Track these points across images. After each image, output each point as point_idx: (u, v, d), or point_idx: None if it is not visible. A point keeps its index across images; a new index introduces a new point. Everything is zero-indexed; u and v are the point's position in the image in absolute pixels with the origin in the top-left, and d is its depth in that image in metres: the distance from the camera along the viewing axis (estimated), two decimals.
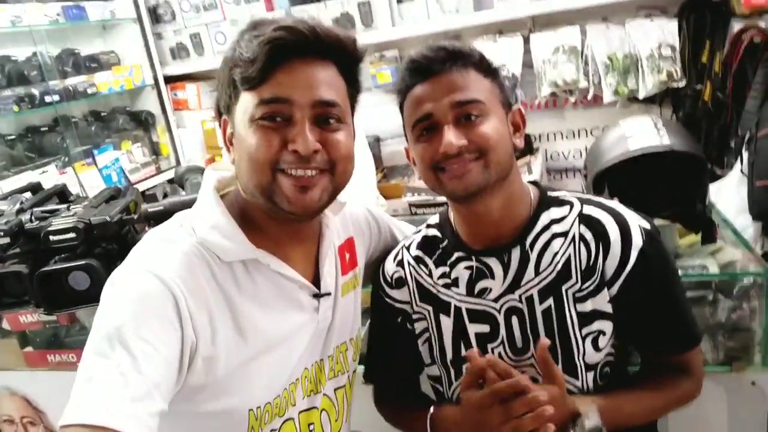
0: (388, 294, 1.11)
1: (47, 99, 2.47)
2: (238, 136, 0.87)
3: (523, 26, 2.63)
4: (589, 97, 2.56)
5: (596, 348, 0.99)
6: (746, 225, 2.11)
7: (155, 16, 3.07)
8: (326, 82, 0.86)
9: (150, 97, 3.10)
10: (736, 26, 2.36)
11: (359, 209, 1.16)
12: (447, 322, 1.05)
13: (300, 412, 0.97)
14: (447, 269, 1.05)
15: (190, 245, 0.86)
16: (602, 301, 0.97)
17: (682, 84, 2.40)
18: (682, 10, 2.45)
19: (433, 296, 1.06)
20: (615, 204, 1.00)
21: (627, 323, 0.99)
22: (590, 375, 1.00)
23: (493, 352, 1.02)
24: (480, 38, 2.63)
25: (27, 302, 1.37)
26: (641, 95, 2.45)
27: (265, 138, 0.83)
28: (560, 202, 1.02)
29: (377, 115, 2.94)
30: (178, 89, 3.18)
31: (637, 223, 0.97)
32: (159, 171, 3.08)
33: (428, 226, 1.11)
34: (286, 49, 0.82)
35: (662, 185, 1.41)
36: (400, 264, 1.10)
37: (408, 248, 1.11)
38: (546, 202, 1.02)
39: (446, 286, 1.05)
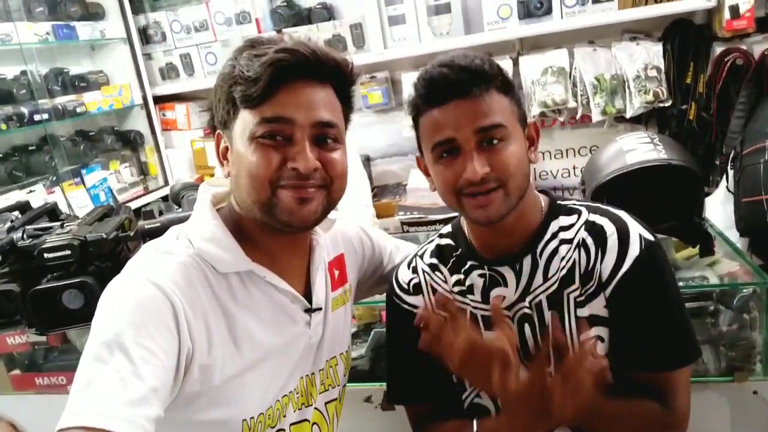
0: (405, 301, 1.10)
1: (36, 117, 2.44)
2: (236, 152, 0.89)
3: (512, 49, 2.68)
4: (578, 116, 2.60)
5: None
6: (733, 241, 2.15)
7: (145, 37, 3.06)
8: (325, 103, 0.89)
9: (139, 117, 3.08)
10: (718, 49, 2.44)
11: (352, 227, 1.18)
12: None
13: (291, 424, 0.97)
14: (462, 276, 1.05)
15: (187, 256, 0.87)
16: (599, 306, 0.97)
17: (668, 104, 2.45)
18: (666, 34, 2.52)
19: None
20: (622, 213, 1.01)
21: (619, 330, 0.97)
22: None
23: None
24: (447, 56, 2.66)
25: (18, 322, 1.33)
26: (628, 115, 2.50)
27: (265, 156, 0.86)
28: (569, 211, 1.03)
29: (367, 135, 2.98)
30: (167, 109, 3.17)
31: (638, 231, 0.97)
32: (147, 191, 3.05)
33: (441, 235, 1.12)
34: (288, 70, 0.85)
35: (659, 199, 1.43)
36: (415, 271, 1.11)
37: (421, 256, 1.12)
38: (555, 210, 1.03)
39: (461, 293, 1.05)
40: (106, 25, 2.93)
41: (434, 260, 1.09)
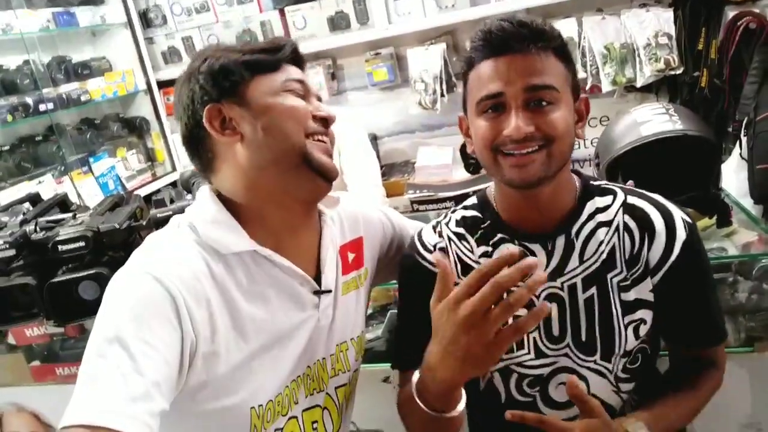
0: (429, 260, 1.05)
1: (41, 107, 2.43)
2: (262, 107, 0.90)
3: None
4: (587, 87, 2.56)
5: (636, 336, 0.99)
6: (747, 209, 2.13)
7: (146, 21, 3.03)
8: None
9: (143, 102, 3.06)
10: (731, 13, 2.38)
11: (374, 211, 1.16)
12: None
13: (303, 410, 0.96)
14: (489, 249, 1.02)
15: (189, 244, 0.87)
16: (645, 290, 0.98)
17: (679, 72, 2.41)
18: None
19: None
20: (657, 196, 1.01)
21: (665, 313, 0.99)
22: (623, 360, 1.00)
23: (528, 337, 1.01)
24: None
25: (36, 315, 1.34)
26: (639, 84, 2.46)
27: (296, 103, 0.92)
28: (603, 191, 1.01)
29: (374, 113, 2.95)
30: (171, 94, 3.14)
31: (680, 215, 0.98)
32: (155, 177, 3.04)
33: (465, 207, 1.08)
34: (291, 52, 0.96)
35: (675, 170, 1.41)
36: (441, 235, 1.06)
37: (447, 224, 1.07)
38: (590, 191, 1.01)
39: None
40: (106, 10, 2.89)
41: (460, 229, 1.05)
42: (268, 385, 0.90)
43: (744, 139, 2.35)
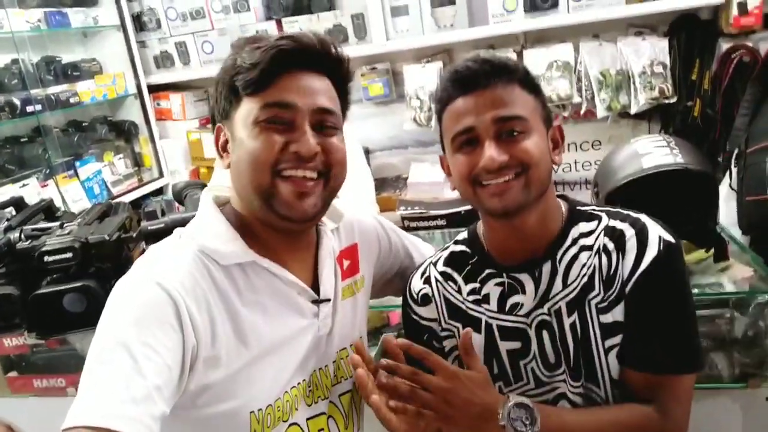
0: (414, 311, 1.10)
1: (28, 108, 2.37)
2: (238, 140, 0.90)
3: (515, 42, 2.64)
4: (582, 112, 2.58)
5: (621, 361, 0.96)
6: (744, 244, 2.15)
7: (139, 24, 2.98)
8: (325, 91, 0.92)
9: (133, 106, 3.01)
10: (724, 45, 2.42)
11: (369, 220, 1.17)
12: (478, 339, 1.03)
13: (308, 418, 0.96)
14: (477, 285, 1.04)
15: (191, 252, 0.88)
16: (621, 311, 0.95)
17: (673, 100, 2.43)
18: (672, 29, 2.49)
19: (463, 313, 1.05)
20: (642, 215, 0.99)
21: (629, 331, 0.95)
22: (615, 392, 0.97)
23: (525, 368, 1.01)
24: (473, 52, 2.63)
25: (17, 326, 1.30)
26: (633, 111, 2.48)
27: (268, 139, 0.87)
28: (589, 217, 1.02)
29: (367, 127, 2.93)
30: (161, 99, 3.10)
31: (657, 232, 0.95)
32: (142, 183, 2.98)
33: (456, 242, 1.10)
34: (289, 57, 0.88)
35: (674, 203, 1.41)
36: (427, 281, 1.09)
37: (435, 264, 1.10)
38: (576, 216, 1.02)
39: (476, 302, 1.04)
40: (99, 12, 2.84)
41: (447, 269, 1.07)
42: (267, 390, 0.90)
43: (734, 170, 2.38)
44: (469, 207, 2.36)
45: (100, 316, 0.82)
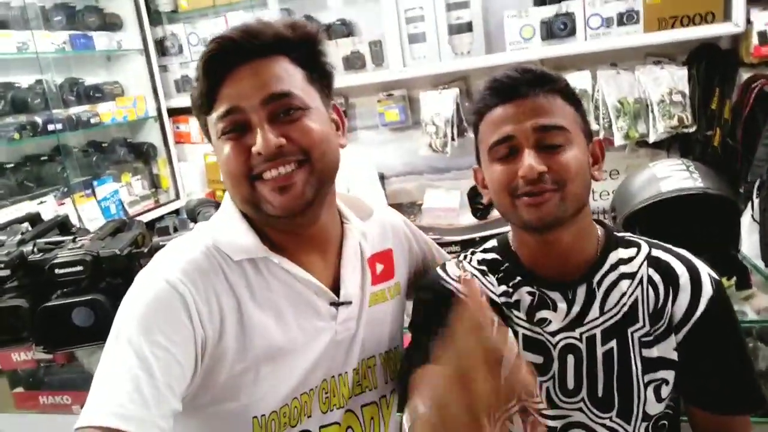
0: (451, 284, 1.02)
1: (50, 127, 2.41)
2: (218, 156, 0.89)
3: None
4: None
5: (658, 398, 0.94)
6: (766, 272, 2.09)
7: (162, 49, 3.05)
8: (274, 76, 0.85)
9: (152, 129, 3.05)
10: (744, 75, 2.40)
11: (398, 221, 1.12)
12: None
13: (321, 426, 0.93)
14: (509, 289, 1.00)
15: (204, 247, 0.88)
16: (669, 348, 0.93)
17: (692, 129, 2.40)
18: (691, 58, 2.48)
19: (498, 308, 1.00)
20: (683, 251, 0.98)
21: (689, 373, 0.94)
22: (644, 425, 0.94)
23: (541, 386, 0.97)
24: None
25: (24, 339, 1.29)
26: (651, 139, 2.45)
27: (231, 150, 0.85)
28: (627, 243, 0.99)
29: (383, 153, 2.94)
30: (180, 122, 3.14)
31: (706, 271, 0.95)
32: (158, 204, 3.01)
33: (484, 250, 1.06)
34: (220, 61, 0.84)
35: (693, 229, 1.38)
36: (464, 270, 1.04)
37: (469, 262, 1.05)
38: (614, 241, 0.99)
39: (507, 305, 1.00)
40: (123, 36, 2.91)
41: (483, 267, 1.04)
42: (272, 395, 0.88)
43: (756, 201, 2.33)
44: (484, 233, 2.33)
45: (108, 331, 0.81)
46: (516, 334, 0.98)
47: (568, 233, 0.93)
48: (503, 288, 1.00)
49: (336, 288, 0.95)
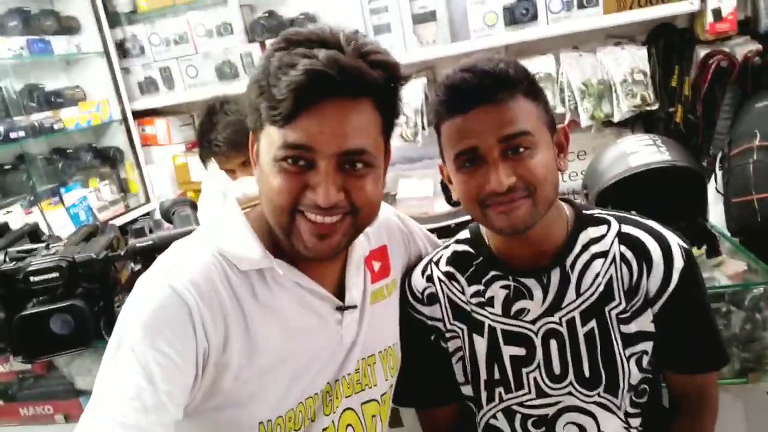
0: (418, 311, 1.06)
1: (12, 135, 2.35)
2: (262, 169, 0.85)
3: (497, 55, 2.67)
4: (566, 121, 2.60)
5: (640, 369, 0.97)
6: (733, 239, 2.17)
7: (122, 51, 2.98)
8: (356, 127, 0.81)
9: (117, 132, 2.99)
10: (702, 52, 2.47)
11: (391, 216, 1.12)
12: (481, 343, 1.01)
13: (324, 429, 0.93)
14: (481, 287, 1.01)
15: (209, 255, 0.85)
16: (646, 321, 0.96)
17: (655, 107, 2.47)
18: (650, 38, 2.54)
19: (467, 314, 1.02)
20: (652, 223, 1.00)
21: (667, 341, 0.97)
22: (629, 395, 0.98)
23: (528, 377, 0.98)
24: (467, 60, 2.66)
25: (2, 350, 1.27)
26: (616, 119, 2.51)
27: (285, 182, 0.81)
28: (597, 221, 1.00)
29: None
30: (146, 124, 3.09)
31: (676, 242, 0.97)
32: (128, 209, 2.95)
33: (458, 241, 1.07)
34: (314, 92, 0.77)
35: (663, 200, 1.42)
36: (430, 279, 1.05)
37: (437, 263, 1.06)
38: (583, 221, 1.00)
39: (480, 305, 1.01)
40: (81, 39, 2.85)
41: (450, 268, 1.04)
42: (278, 400, 0.88)
43: (719, 174, 2.41)
44: (459, 220, 2.35)
45: (88, 337, 0.80)
46: (494, 330, 1.00)
47: (538, 226, 0.93)
48: (474, 288, 1.01)
49: (340, 291, 0.95)
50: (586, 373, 0.96)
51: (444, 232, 2.51)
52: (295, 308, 0.89)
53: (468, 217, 1.05)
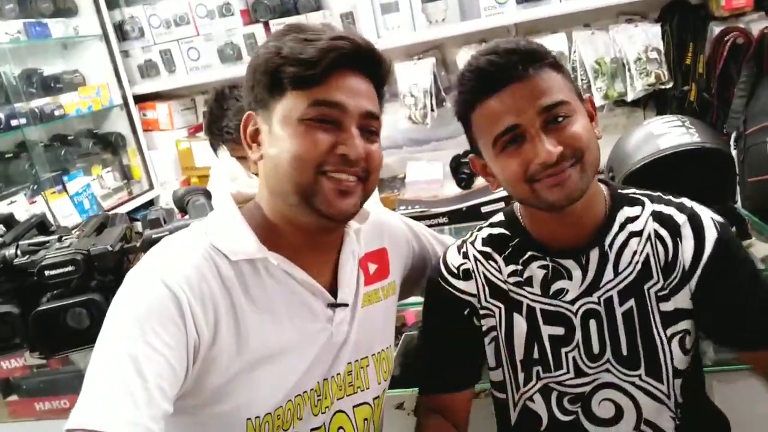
0: (452, 284, 1.04)
1: (13, 123, 2.29)
2: (276, 134, 0.86)
3: (507, 35, 2.62)
4: None
5: (684, 351, 0.96)
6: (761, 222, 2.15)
7: (122, 33, 2.91)
8: (370, 95, 0.89)
9: (119, 118, 2.93)
10: (716, 29, 2.42)
11: (397, 222, 1.13)
12: (520, 322, 0.99)
13: (312, 429, 0.93)
14: (519, 267, 0.99)
15: (201, 247, 0.86)
16: (684, 298, 0.95)
17: (669, 86, 2.43)
18: (663, 15, 2.49)
19: (504, 293, 1.00)
20: (684, 199, 1.00)
21: (708, 317, 0.95)
22: (678, 381, 0.96)
23: (567, 356, 0.98)
24: (464, 47, 2.61)
25: (18, 346, 1.24)
26: (630, 98, 2.47)
27: (313, 138, 0.84)
28: (632, 201, 0.99)
29: None
30: (147, 109, 3.03)
31: (709, 215, 0.96)
32: (132, 196, 2.91)
33: (491, 225, 1.06)
34: (344, 58, 0.84)
35: (691, 183, 1.39)
36: (466, 256, 1.04)
37: (472, 243, 1.05)
38: (619, 200, 0.99)
39: (518, 284, 0.99)
40: (79, 22, 2.77)
41: (487, 248, 1.03)
42: (266, 397, 0.88)
43: (734, 153, 2.38)
44: (470, 203, 2.32)
45: None
46: (533, 310, 0.98)
47: (580, 204, 0.92)
48: (512, 267, 1.00)
49: (333, 289, 0.95)
50: (624, 352, 0.95)
51: (455, 215, 2.49)
52: (285, 301, 0.90)
53: (478, 201, 1.04)
